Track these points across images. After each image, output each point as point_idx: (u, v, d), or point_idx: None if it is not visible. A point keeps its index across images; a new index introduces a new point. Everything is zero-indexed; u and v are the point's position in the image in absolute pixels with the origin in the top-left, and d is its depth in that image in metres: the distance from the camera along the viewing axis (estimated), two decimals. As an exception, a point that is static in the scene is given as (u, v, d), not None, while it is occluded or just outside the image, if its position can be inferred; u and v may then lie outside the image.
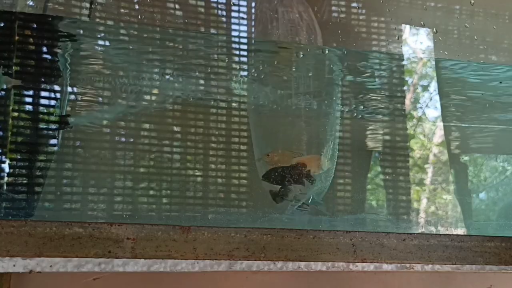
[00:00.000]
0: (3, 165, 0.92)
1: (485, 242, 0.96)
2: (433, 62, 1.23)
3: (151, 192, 1.00)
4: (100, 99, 1.00)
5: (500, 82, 1.10)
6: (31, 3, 1.00)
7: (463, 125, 1.21)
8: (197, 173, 1.04)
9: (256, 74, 1.10)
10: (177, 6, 1.10)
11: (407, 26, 1.21)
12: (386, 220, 1.08)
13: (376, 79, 1.18)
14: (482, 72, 1.21)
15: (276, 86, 1.09)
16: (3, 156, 0.93)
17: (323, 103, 1.12)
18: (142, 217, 0.97)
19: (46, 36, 0.98)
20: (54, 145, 0.96)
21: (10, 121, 0.94)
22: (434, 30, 1.19)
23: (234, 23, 1.12)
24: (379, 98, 1.17)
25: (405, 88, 1.21)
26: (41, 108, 0.97)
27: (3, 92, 0.94)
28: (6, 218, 0.86)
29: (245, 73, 1.11)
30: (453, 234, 0.98)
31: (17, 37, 0.96)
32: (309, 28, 1.10)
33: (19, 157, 0.94)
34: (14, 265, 0.74)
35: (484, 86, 1.22)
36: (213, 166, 1.05)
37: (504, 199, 1.21)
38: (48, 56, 0.98)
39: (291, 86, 1.11)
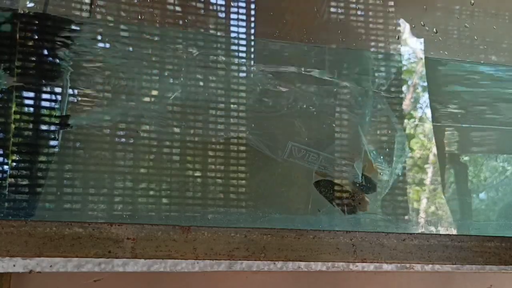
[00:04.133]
0: (3, 165, 0.93)
1: (485, 242, 0.96)
2: (433, 62, 1.23)
3: (151, 192, 1.00)
4: (100, 99, 1.00)
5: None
6: (31, 4, 1.00)
7: (463, 125, 1.21)
8: (196, 173, 1.04)
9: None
10: (177, 8, 1.11)
11: (407, 26, 1.21)
12: (386, 220, 1.07)
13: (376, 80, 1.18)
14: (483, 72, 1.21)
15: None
16: (4, 157, 0.93)
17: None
18: (142, 217, 0.97)
19: (47, 37, 0.98)
20: (54, 146, 0.96)
21: (12, 122, 0.94)
22: (434, 30, 1.19)
23: (233, 25, 1.12)
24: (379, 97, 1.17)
25: (404, 88, 1.21)
26: (41, 108, 0.97)
27: (4, 93, 0.94)
28: (6, 218, 0.86)
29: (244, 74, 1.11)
30: (453, 234, 0.98)
31: (18, 38, 0.96)
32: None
33: (19, 157, 0.94)
34: (14, 265, 0.75)
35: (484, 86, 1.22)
36: (212, 166, 1.05)
37: (504, 199, 1.21)
38: (49, 56, 0.98)
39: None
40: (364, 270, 0.90)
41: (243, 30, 1.12)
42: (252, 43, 1.12)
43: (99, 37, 1.04)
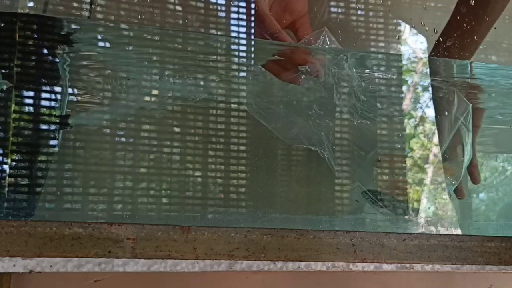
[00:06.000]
0: (3, 165, 0.93)
1: (485, 242, 0.96)
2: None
3: (151, 192, 1.00)
4: (100, 99, 1.00)
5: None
6: (31, 4, 1.00)
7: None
8: (197, 173, 1.04)
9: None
10: (177, 8, 1.11)
11: (407, 26, 1.21)
12: (386, 220, 1.08)
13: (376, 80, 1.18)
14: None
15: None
16: (3, 157, 0.93)
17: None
18: (142, 217, 0.97)
19: (46, 37, 0.98)
20: (54, 146, 0.96)
21: (11, 121, 0.94)
22: (434, 30, 1.19)
23: (234, 24, 1.12)
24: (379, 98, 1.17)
25: (404, 88, 1.21)
26: (41, 108, 0.97)
27: (4, 93, 0.94)
28: (6, 218, 0.86)
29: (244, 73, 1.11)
30: (453, 234, 0.98)
31: (17, 38, 0.96)
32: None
33: (19, 157, 0.94)
34: (14, 265, 0.74)
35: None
36: (213, 166, 1.05)
37: (504, 199, 1.21)
38: (48, 57, 0.98)
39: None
40: (364, 270, 0.90)
41: (243, 30, 1.12)
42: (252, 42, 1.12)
43: (99, 37, 1.04)
